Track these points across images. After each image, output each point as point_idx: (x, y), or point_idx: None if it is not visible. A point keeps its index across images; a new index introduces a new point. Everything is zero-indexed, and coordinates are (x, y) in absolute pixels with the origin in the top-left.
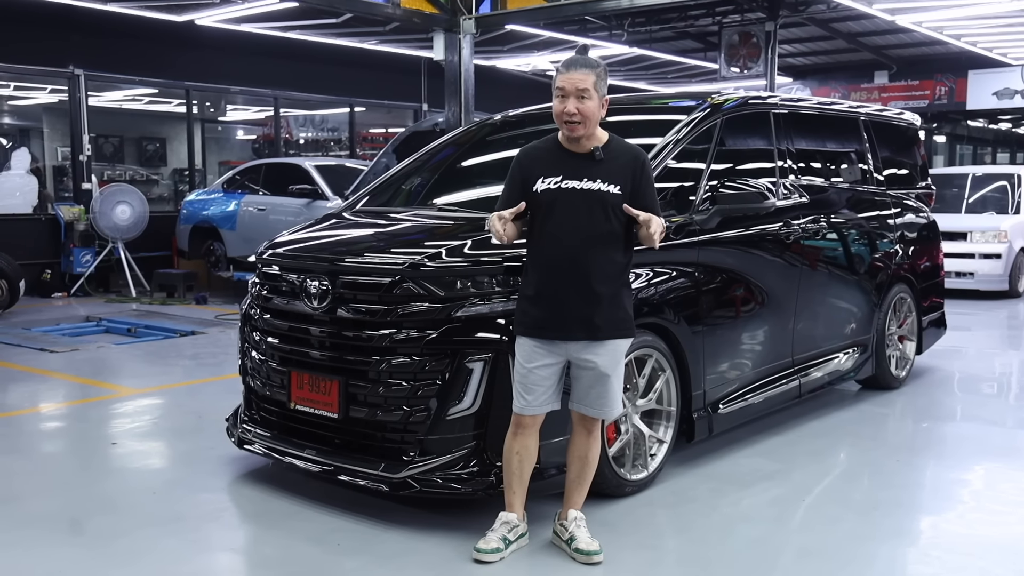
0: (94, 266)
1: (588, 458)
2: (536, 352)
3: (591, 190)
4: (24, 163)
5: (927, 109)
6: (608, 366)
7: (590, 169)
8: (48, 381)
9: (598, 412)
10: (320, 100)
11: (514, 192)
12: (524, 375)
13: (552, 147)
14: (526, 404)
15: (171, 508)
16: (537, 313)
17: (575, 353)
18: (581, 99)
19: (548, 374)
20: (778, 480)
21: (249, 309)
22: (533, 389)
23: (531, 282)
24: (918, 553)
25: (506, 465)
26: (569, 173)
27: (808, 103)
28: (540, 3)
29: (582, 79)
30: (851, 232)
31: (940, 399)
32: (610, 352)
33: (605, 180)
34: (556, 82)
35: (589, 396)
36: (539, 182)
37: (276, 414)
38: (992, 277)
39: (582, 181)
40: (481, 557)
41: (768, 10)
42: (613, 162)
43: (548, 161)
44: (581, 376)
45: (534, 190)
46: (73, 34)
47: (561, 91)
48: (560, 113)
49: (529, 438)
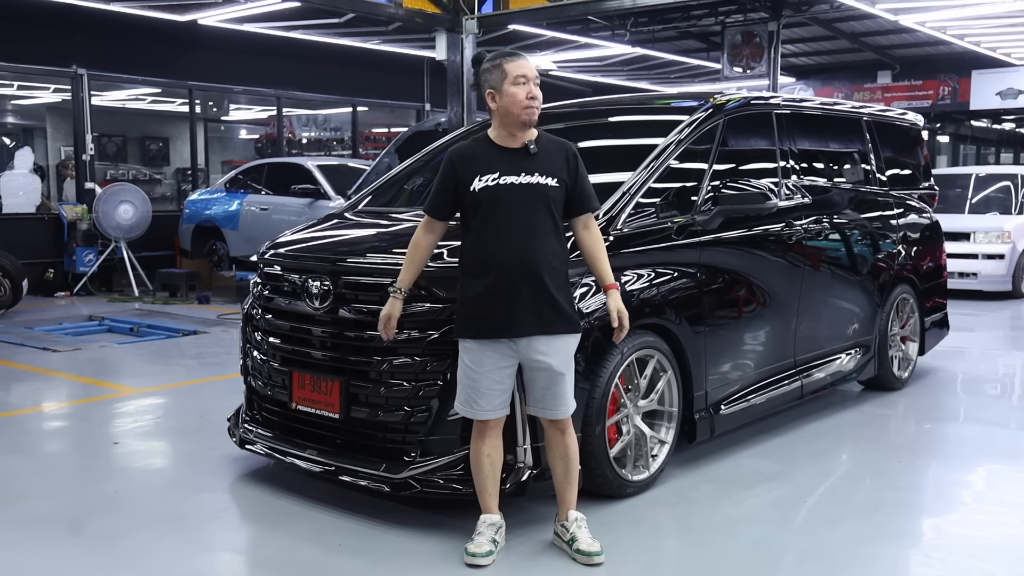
0: (97, 265)
1: (569, 456)
2: (486, 355)
3: (530, 184)
4: (27, 162)
5: (930, 109)
6: (561, 365)
7: (526, 163)
8: (50, 380)
9: (554, 413)
10: (323, 100)
11: (446, 194)
12: (475, 380)
13: (483, 145)
14: (479, 410)
15: (173, 508)
16: (487, 313)
17: (526, 352)
18: (536, 84)
19: (501, 377)
20: (780, 481)
21: (251, 309)
22: (486, 394)
23: (476, 283)
24: (920, 555)
25: (477, 469)
26: (506, 169)
27: (810, 103)
28: (542, 3)
29: (532, 67)
30: (853, 233)
31: (943, 400)
32: (562, 350)
33: (542, 173)
34: (511, 71)
35: (545, 398)
36: (476, 181)
37: (277, 414)
38: (995, 278)
39: (520, 176)
40: (477, 561)
41: (771, 10)
42: (546, 155)
43: (482, 159)
44: (536, 378)
45: (471, 189)
46: (76, 34)
47: (523, 77)
48: (523, 99)
49: (496, 438)
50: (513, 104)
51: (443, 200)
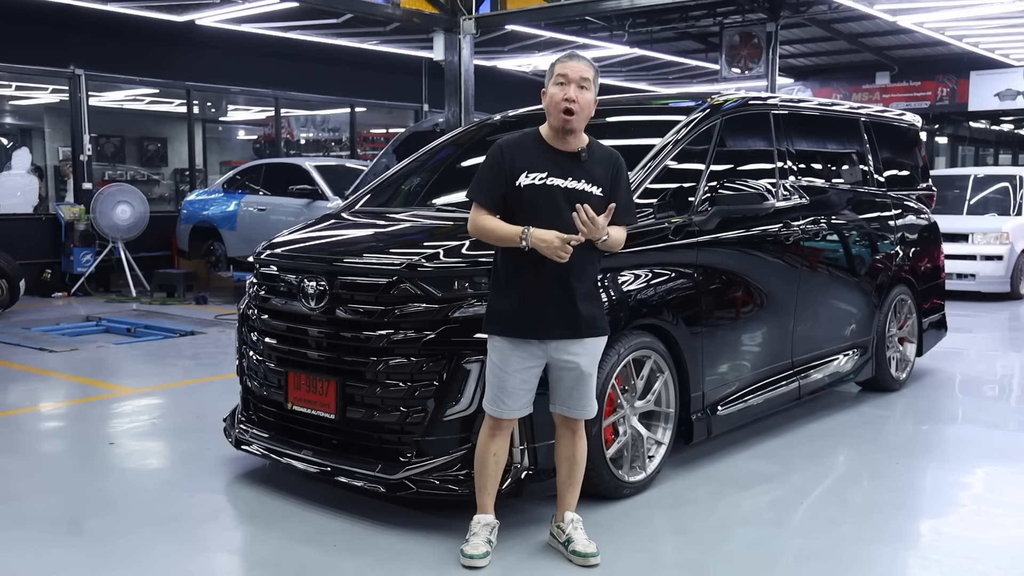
0: (94, 266)
1: (576, 458)
2: (515, 355)
3: (576, 190)
4: (25, 163)
5: (929, 110)
6: (589, 365)
7: (575, 169)
8: (47, 381)
9: (580, 413)
10: (321, 100)
11: (498, 182)
12: (502, 379)
13: (535, 142)
14: (505, 408)
15: (168, 508)
16: (517, 312)
17: (556, 353)
18: (581, 88)
19: (528, 377)
20: (777, 482)
21: (247, 309)
22: (513, 394)
23: (509, 280)
24: (918, 557)
25: (482, 467)
26: (555, 171)
27: (808, 104)
28: (540, 3)
29: (584, 69)
30: (851, 233)
31: (941, 401)
32: (591, 351)
33: (589, 181)
34: (556, 70)
35: (572, 397)
36: (523, 176)
37: (273, 415)
38: (993, 279)
39: (567, 180)
40: (474, 563)
41: (769, 11)
42: (595, 164)
43: (533, 156)
44: (564, 377)
45: (517, 184)
46: (74, 34)
47: (563, 77)
48: (559, 100)
49: (506, 439)
50: (550, 103)
51: (495, 190)
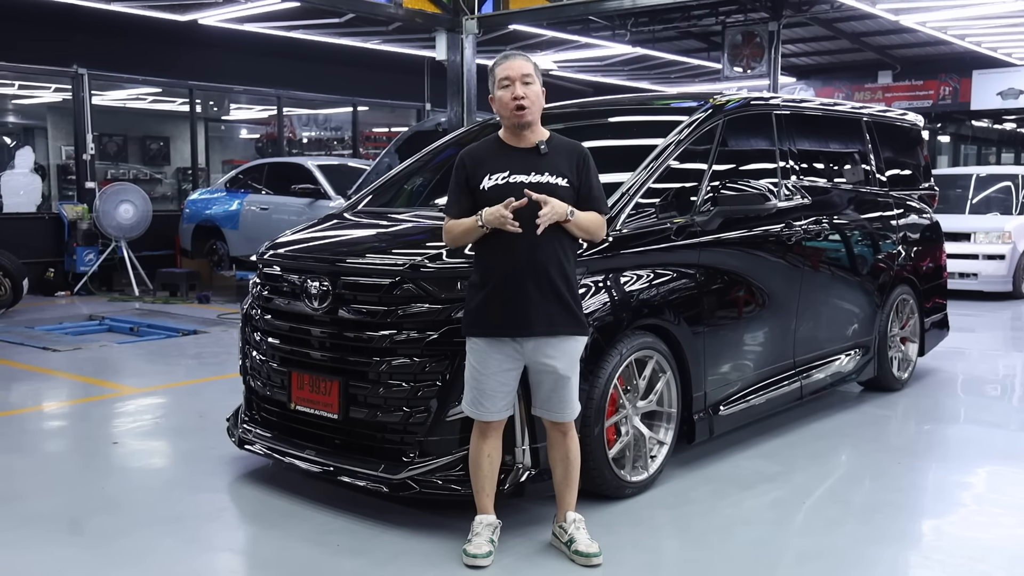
0: (97, 265)
1: (570, 458)
2: (493, 357)
3: (540, 183)
4: (28, 162)
5: (931, 109)
6: (567, 368)
7: (536, 163)
8: (50, 380)
9: (560, 416)
10: (323, 100)
11: (460, 195)
12: (480, 381)
13: (494, 145)
14: (484, 411)
15: (172, 508)
16: (495, 312)
17: (533, 355)
18: (526, 84)
19: (507, 379)
20: (779, 482)
21: (250, 309)
22: (491, 396)
23: (485, 281)
24: (920, 557)
25: (476, 469)
26: (516, 168)
27: (810, 104)
28: (543, 3)
29: (524, 65)
30: (853, 233)
31: (943, 401)
32: (568, 353)
33: (552, 173)
34: (498, 74)
35: (551, 401)
36: (485, 180)
37: (276, 414)
38: (996, 278)
39: (530, 175)
40: (476, 562)
41: (771, 10)
42: (557, 156)
43: (492, 159)
44: (542, 381)
45: (481, 188)
46: (77, 33)
47: (507, 79)
48: (508, 100)
49: (497, 439)
50: (501, 107)
51: (459, 201)
